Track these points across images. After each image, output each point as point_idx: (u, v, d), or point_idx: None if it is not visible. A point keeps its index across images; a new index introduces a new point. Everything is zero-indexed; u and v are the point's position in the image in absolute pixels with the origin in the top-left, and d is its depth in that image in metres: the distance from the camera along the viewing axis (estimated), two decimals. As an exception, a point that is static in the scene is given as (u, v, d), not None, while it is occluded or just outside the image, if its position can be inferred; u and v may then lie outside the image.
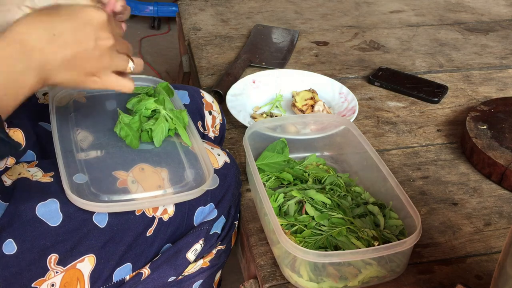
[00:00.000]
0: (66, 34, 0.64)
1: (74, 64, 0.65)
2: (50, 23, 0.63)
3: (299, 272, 0.73)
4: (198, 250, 0.81)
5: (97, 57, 0.66)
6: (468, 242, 0.85)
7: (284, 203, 0.85)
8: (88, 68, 0.66)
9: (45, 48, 0.63)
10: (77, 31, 0.64)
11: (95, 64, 0.67)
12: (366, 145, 0.87)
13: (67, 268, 0.70)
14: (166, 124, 0.83)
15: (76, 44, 0.64)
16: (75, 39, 0.64)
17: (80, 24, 0.65)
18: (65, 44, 0.63)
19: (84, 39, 0.65)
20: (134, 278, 0.76)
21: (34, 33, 0.62)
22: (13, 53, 0.61)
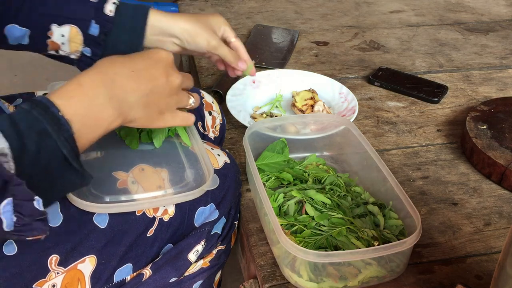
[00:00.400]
0: (142, 71, 0.68)
1: (149, 101, 0.68)
2: (128, 61, 0.69)
3: (299, 272, 0.73)
4: (199, 251, 0.81)
5: (167, 94, 0.71)
6: (468, 242, 0.85)
7: (284, 203, 0.85)
8: (160, 105, 0.70)
9: (124, 83, 0.66)
10: (151, 68, 0.69)
11: (166, 101, 0.71)
12: (366, 145, 0.87)
13: (68, 269, 0.70)
14: None
15: (151, 81, 0.69)
16: (150, 75, 0.69)
17: (153, 62, 0.70)
18: (142, 80, 0.68)
19: (158, 76, 0.69)
20: (135, 279, 0.76)
21: (115, 68, 0.67)
22: (95, 86, 0.64)
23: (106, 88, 0.64)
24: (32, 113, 0.58)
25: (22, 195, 0.54)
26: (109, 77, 0.65)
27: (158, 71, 0.70)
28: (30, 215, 0.55)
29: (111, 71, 0.66)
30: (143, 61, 0.70)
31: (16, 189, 0.53)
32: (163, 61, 0.72)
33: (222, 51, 0.91)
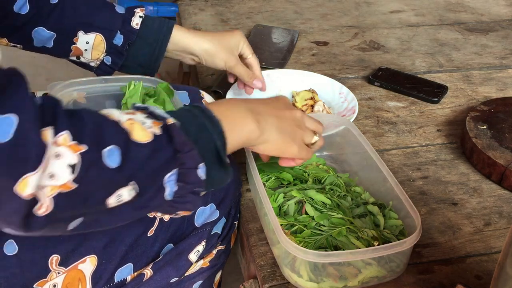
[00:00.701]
0: (269, 101, 0.76)
1: (281, 126, 0.74)
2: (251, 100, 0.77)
3: (299, 272, 0.73)
4: (200, 251, 0.82)
5: (294, 124, 0.76)
6: (468, 242, 0.85)
7: (284, 203, 0.85)
8: (291, 132, 0.75)
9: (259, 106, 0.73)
10: (274, 102, 0.77)
11: (294, 129, 0.76)
12: (366, 145, 0.87)
13: (69, 269, 0.70)
14: None
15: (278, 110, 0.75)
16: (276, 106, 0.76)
17: (274, 99, 0.79)
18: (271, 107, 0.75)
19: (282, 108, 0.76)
20: (136, 279, 0.76)
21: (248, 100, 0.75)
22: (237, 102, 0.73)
23: (246, 105, 0.72)
24: (192, 111, 0.65)
25: (190, 162, 0.59)
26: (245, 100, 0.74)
27: (280, 104, 0.77)
28: (192, 183, 0.60)
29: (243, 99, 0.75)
30: (267, 98, 0.79)
31: (186, 156, 0.59)
32: (283, 98, 0.80)
33: (238, 71, 0.97)
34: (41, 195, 0.49)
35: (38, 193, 0.49)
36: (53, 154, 0.49)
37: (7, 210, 0.48)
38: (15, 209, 0.48)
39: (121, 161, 0.53)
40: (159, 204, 0.60)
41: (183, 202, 0.61)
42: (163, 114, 0.60)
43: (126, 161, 0.54)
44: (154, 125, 0.58)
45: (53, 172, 0.49)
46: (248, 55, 1.00)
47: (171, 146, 0.58)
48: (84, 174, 0.51)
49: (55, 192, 0.50)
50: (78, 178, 0.51)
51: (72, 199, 0.51)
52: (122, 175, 0.54)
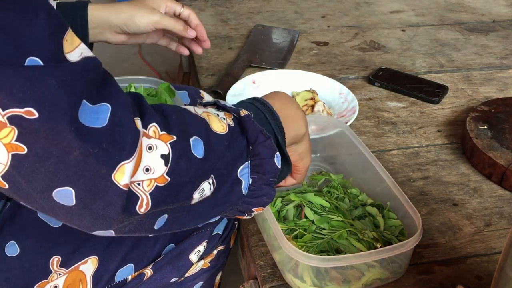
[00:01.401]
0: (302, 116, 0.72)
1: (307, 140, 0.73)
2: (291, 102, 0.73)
3: (302, 277, 0.72)
4: (201, 252, 0.81)
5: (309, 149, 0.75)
6: (469, 242, 0.85)
7: (283, 207, 0.84)
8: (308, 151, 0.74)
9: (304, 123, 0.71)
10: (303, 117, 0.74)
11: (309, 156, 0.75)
12: (361, 146, 0.87)
13: (70, 270, 0.70)
14: None
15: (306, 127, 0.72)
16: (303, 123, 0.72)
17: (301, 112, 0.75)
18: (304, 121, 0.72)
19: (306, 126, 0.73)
20: (136, 279, 0.76)
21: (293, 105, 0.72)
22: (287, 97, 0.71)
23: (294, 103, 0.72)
24: (255, 105, 0.65)
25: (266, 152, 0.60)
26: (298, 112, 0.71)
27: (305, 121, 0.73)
28: (270, 172, 0.61)
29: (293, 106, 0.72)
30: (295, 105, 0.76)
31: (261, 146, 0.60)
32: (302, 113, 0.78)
33: (167, 23, 0.91)
34: (140, 191, 0.49)
35: (137, 189, 0.49)
36: (146, 147, 0.49)
37: (105, 199, 0.47)
38: (112, 201, 0.47)
39: (204, 152, 0.54)
40: (236, 200, 0.60)
41: (258, 196, 0.62)
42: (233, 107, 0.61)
43: (209, 151, 0.55)
44: (227, 116, 0.60)
45: (148, 164, 0.49)
46: (178, 10, 0.95)
47: (244, 138, 0.59)
48: (176, 166, 0.51)
49: (152, 186, 0.50)
50: (170, 170, 0.51)
51: (166, 193, 0.51)
52: (206, 166, 0.55)
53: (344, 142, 0.91)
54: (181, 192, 0.53)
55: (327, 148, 0.98)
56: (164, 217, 0.55)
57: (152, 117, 0.51)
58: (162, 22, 0.90)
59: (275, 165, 0.61)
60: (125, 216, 0.49)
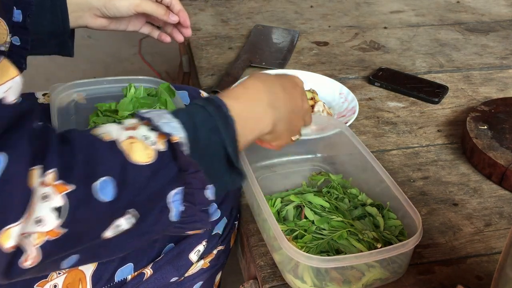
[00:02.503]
0: (289, 89, 0.71)
1: (291, 118, 0.71)
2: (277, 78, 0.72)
3: (302, 278, 0.72)
4: (200, 251, 0.81)
5: (301, 115, 0.74)
6: (469, 242, 0.85)
7: (282, 208, 0.84)
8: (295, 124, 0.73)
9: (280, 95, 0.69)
10: (294, 90, 0.73)
11: (298, 122, 0.74)
12: (360, 146, 0.87)
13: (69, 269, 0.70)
14: None
15: (294, 100, 0.72)
16: (293, 95, 0.72)
17: (294, 84, 0.74)
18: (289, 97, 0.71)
19: (297, 97, 0.73)
20: (136, 278, 0.76)
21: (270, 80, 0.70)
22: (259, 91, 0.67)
23: (267, 96, 0.67)
24: (206, 109, 0.60)
25: (197, 183, 0.55)
26: (268, 85, 0.68)
27: (298, 93, 0.73)
28: (200, 204, 0.56)
29: (268, 81, 0.69)
30: (287, 80, 0.74)
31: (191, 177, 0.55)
32: (300, 85, 0.76)
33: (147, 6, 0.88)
34: (27, 245, 0.45)
35: (23, 242, 0.45)
36: (40, 196, 0.45)
37: None
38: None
39: (116, 192, 0.49)
40: (164, 227, 0.55)
41: (191, 222, 0.57)
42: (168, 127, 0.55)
43: (122, 189, 0.49)
44: (158, 139, 0.54)
45: (39, 216, 0.45)
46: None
47: (176, 164, 0.54)
48: (72, 217, 0.46)
49: (42, 240, 0.45)
50: (66, 222, 0.46)
51: (62, 244, 0.47)
52: (119, 205, 0.50)
53: (343, 142, 0.91)
54: (85, 236, 0.49)
55: (327, 148, 0.98)
56: (74, 257, 0.51)
57: (54, 161, 0.46)
58: (142, 5, 0.87)
59: (205, 198, 0.56)
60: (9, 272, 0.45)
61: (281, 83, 0.71)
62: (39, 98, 0.94)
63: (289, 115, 0.70)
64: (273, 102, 0.67)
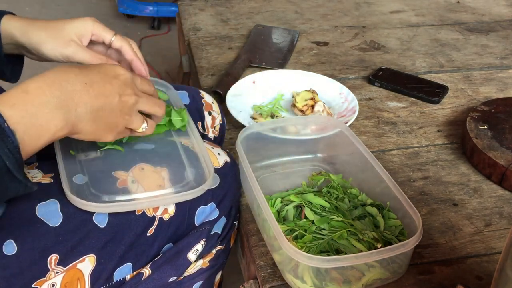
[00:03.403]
0: (96, 85, 0.66)
1: (99, 116, 0.66)
2: (83, 72, 0.66)
3: (302, 278, 0.72)
4: (199, 251, 0.81)
5: (119, 113, 0.69)
6: (469, 242, 0.84)
7: (282, 208, 0.84)
8: (109, 123, 0.68)
9: (75, 94, 0.64)
10: (106, 84, 0.67)
11: (116, 120, 0.69)
12: (361, 146, 0.87)
13: (68, 268, 0.70)
14: None
15: (104, 96, 0.66)
16: (104, 91, 0.67)
17: (108, 78, 0.68)
18: (95, 94, 0.66)
19: (111, 93, 0.67)
20: (135, 278, 0.76)
21: (68, 77, 0.64)
22: (42, 93, 0.61)
23: (54, 96, 0.62)
24: None
25: None
26: (58, 85, 0.63)
27: (112, 87, 0.68)
28: None
29: (62, 79, 0.64)
30: (99, 75, 0.68)
31: None
32: (119, 78, 0.69)
33: (81, 58, 0.80)
34: None
35: None
36: None
37: None
38: None
39: None
40: None
41: None
42: None
43: None
44: None
45: None
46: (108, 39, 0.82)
47: None
48: None
49: None
50: None
51: None
52: None
53: (343, 142, 0.91)
54: None
55: (327, 148, 0.98)
56: None
57: None
58: (75, 57, 0.81)
59: None
60: None
61: (87, 79, 0.66)
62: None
63: (94, 114, 0.66)
64: (64, 102, 0.63)
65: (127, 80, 0.70)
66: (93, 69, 0.68)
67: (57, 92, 0.62)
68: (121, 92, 0.68)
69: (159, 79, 0.97)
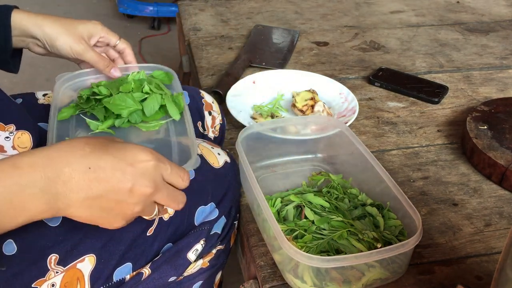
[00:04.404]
0: (101, 171, 0.58)
1: (95, 204, 0.59)
2: (94, 155, 0.58)
3: (302, 278, 0.72)
4: (199, 250, 0.81)
5: (128, 202, 0.60)
6: (469, 242, 0.84)
7: (282, 208, 0.84)
8: (110, 212, 0.60)
9: (72, 179, 0.57)
10: (116, 171, 0.59)
11: (124, 209, 0.61)
12: (361, 146, 0.87)
13: (67, 268, 0.70)
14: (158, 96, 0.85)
15: (108, 184, 0.58)
16: (110, 178, 0.58)
17: (123, 164, 0.59)
18: (95, 181, 0.58)
19: (120, 181, 0.59)
20: (134, 278, 0.76)
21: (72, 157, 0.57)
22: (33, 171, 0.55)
23: (46, 176, 0.55)
24: None
25: None
26: (54, 166, 0.56)
27: (123, 176, 0.59)
28: None
29: (63, 159, 0.57)
30: (111, 159, 0.59)
31: None
32: (137, 166, 0.60)
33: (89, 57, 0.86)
34: None
35: None
36: None
37: None
38: None
39: None
40: None
41: None
42: None
43: None
44: None
45: None
46: (114, 42, 0.90)
47: None
48: None
49: None
50: None
51: None
52: None
53: (343, 142, 0.91)
54: None
55: (327, 148, 0.98)
56: None
57: None
58: (84, 55, 0.86)
59: None
60: None
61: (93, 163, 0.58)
62: (39, 98, 0.94)
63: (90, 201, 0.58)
64: (53, 187, 0.56)
65: (148, 168, 0.61)
66: (109, 150, 0.60)
67: (50, 173, 0.56)
68: (134, 182, 0.59)
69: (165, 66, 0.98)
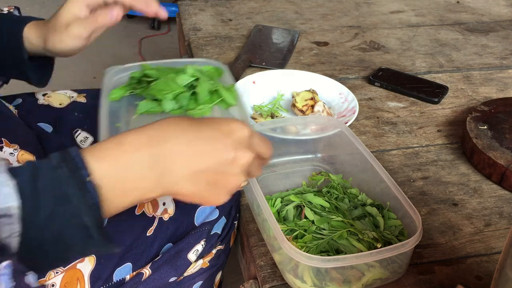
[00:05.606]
0: (204, 141, 0.58)
1: (201, 178, 0.58)
2: (192, 129, 0.58)
3: (302, 278, 0.72)
4: (199, 251, 0.81)
5: (232, 173, 0.59)
6: (469, 242, 0.84)
7: (282, 208, 0.84)
8: (217, 184, 0.59)
9: (176, 153, 0.56)
10: (217, 142, 0.58)
11: (229, 181, 0.59)
12: (361, 146, 0.87)
13: (67, 268, 0.70)
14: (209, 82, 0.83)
15: (211, 156, 0.58)
16: (212, 150, 0.58)
17: (221, 134, 0.59)
18: (199, 153, 0.57)
19: (222, 152, 0.58)
20: (134, 278, 0.76)
21: (173, 132, 0.57)
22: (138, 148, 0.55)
23: (151, 153, 0.55)
24: (57, 172, 0.50)
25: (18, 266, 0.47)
26: (159, 141, 0.56)
27: (225, 147, 0.58)
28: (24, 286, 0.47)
29: (165, 134, 0.57)
30: (210, 131, 0.59)
31: None
32: (235, 134, 0.59)
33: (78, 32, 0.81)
34: None
35: None
36: None
37: None
38: None
39: None
40: None
41: None
42: None
43: None
44: None
45: None
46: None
47: None
48: None
49: None
50: None
51: None
52: None
53: (343, 142, 0.91)
54: None
55: (327, 148, 0.98)
56: None
57: None
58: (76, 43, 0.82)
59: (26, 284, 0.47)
60: None
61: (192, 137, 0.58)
62: (39, 98, 0.94)
63: (196, 175, 0.57)
64: (159, 163, 0.56)
65: (244, 137, 0.60)
66: (204, 123, 0.60)
67: (155, 148, 0.55)
68: (235, 151, 0.59)
69: None
